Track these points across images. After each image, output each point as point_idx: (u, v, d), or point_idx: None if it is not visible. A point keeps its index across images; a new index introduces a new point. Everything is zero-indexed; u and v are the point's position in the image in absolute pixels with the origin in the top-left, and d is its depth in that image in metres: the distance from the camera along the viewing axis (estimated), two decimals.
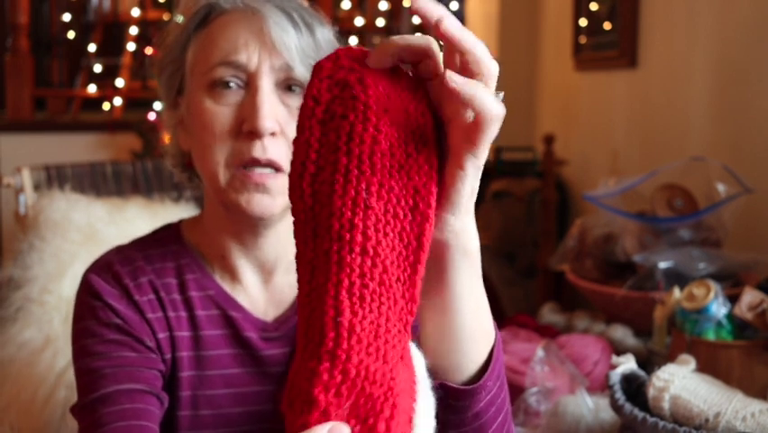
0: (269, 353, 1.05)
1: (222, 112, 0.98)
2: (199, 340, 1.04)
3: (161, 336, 1.02)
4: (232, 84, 0.98)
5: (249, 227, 1.04)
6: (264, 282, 1.08)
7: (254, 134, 0.97)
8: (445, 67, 0.71)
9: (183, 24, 1.03)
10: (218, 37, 1.00)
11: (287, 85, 1.00)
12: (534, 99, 3.44)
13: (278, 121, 0.98)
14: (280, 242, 1.06)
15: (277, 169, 0.98)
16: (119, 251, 1.08)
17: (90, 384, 0.97)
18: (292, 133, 0.89)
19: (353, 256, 0.62)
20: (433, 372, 0.71)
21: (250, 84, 0.98)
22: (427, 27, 0.70)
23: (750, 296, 1.34)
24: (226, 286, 1.07)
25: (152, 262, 1.06)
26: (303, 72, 0.99)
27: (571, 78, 3.02)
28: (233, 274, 1.07)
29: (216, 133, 0.98)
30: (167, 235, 1.10)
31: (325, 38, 1.03)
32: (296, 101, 0.99)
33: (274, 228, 1.04)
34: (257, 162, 0.97)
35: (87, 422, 0.96)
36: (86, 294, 1.03)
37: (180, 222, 1.13)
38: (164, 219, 1.34)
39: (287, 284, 1.08)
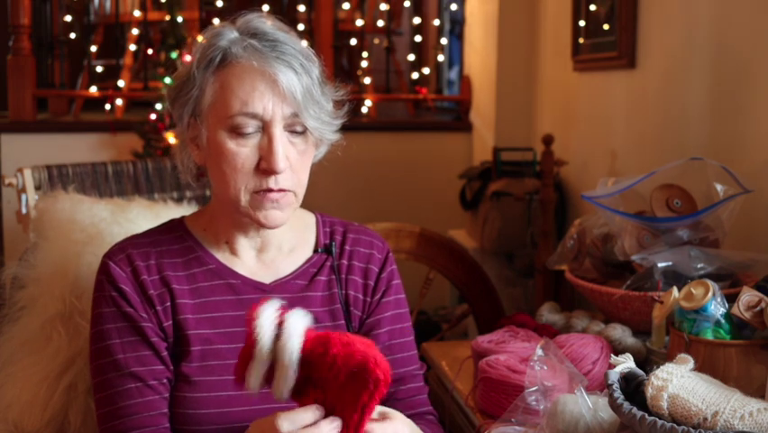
0: None
1: (243, 152, 1.23)
2: (204, 305, 1.28)
3: (159, 308, 1.27)
4: (250, 129, 1.22)
5: (256, 227, 1.30)
6: (258, 255, 1.35)
7: (270, 172, 1.22)
8: None
9: (200, 64, 1.25)
10: (235, 85, 1.22)
11: (293, 128, 1.24)
12: (534, 100, 3.45)
13: (289, 159, 1.24)
14: (277, 230, 1.32)
15: (285, 192, 1.25)
16: (133, 238, 1.34)
17: (106, 366, 1.25)
18: (297, 165, 1.24)
19: None
20: None
21: (266, 130, 1.22)
22: None
23: (748, 295, 1.35)
24: (226, 261, 1.33)
25: (160, 245, 1.32)
26: (309, 120, 1.24)
27: (570, 78, 3.02)
28: (233, 252, 1.33)
29: (239, 168, 1.23)
30: (173, 226, 1.36)
31: (318, 73, 1.27)
32: (299, 139, 1.25)
33: None
34: (271, 190, 1.23)
35: (107, 410, 1.24)
36: (103, 280, 1.28)
37: (183, 217, 1.39)
38: (166, 219, 1.38)
39: (278, 256, 1.35)
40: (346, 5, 4.38)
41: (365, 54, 4.32)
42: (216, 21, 1.33)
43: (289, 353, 1.02)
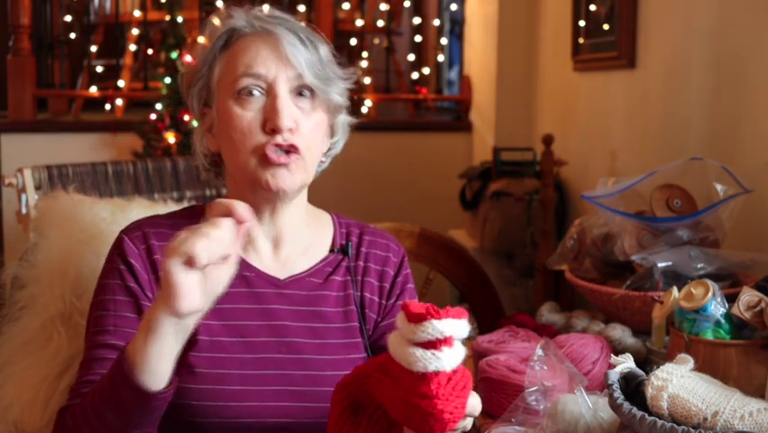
0: (279, 307, 1.29)
1: (248, 115, 1.23)
2: None
3: None
4: (255, 92, 1.23)
5: (268, 204, 1.28)
6: (274, 249, 1.32)
7: (276, 131, 1.21)
8: None
9: (208, 46, 1.28)
10: (240, 54, 1.25)
11: (298, 91, 1.25)
12: (534, 100, 3.45)
13: (294, 119, 1.23)
14: (290, 219, 1.31)
15: (295, 151, 1.23)
16: (153, 218, 1.34)
17: (94, 335, 1.23)
18: (305, 127, 1.24)
19: None
20: None
21: (269, 91, 1.23)
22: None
23: (748, 295, 1.35)
24: (241, 252, 1.23)
25: (178, 229, 1.23)
26: (312, 79, 1.24)
27: (570, 78, 3.03)
28: (249, 244, 1.30)
29: (245, 130, 1.22)
30: (193, 212, 1.34)
31: (326, 54, 1.29)
32: (305, 103, 1.25)
33: (287, 206, 1.29)
34: (280, 146, 1.22)
35: (81, 374, 1.22)
36: (115, 253, 1.28)
37: (204, 204, 1.35)
38: None
39: (293, 253, 1.33)
40: (346, 5, 4.38)
41: (365, 54, 4.33)
42: (216, 21, 1.32)
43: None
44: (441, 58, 4.82)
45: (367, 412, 1.00)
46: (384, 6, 4.32)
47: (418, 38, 4.60)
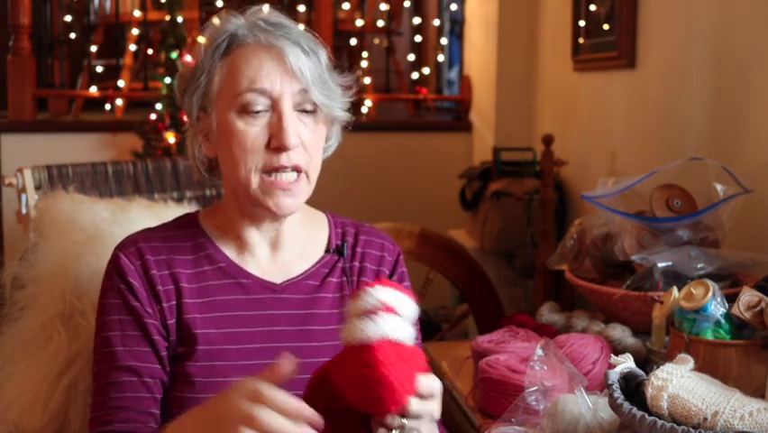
0: (277, 312, 1.29)
1: (253, 131, 1.21)
2: (212, 304, 1.27)
3: (166, 304, 1.26)
4: (259, 108, 1.21)
5: (269, 217, 1.28)
6: (272, 254, 1.32)
7: (281, 149, 1.21)
8: None
9: (207, 51, 1.25)
10: (243, 66, 1.22)
11: (302, 107, 1.24)
12: (534, 100, 3.45)
13: (300, 137, 1.23)
14: (288, 223, 1.31)
15: (299, 171, 1.23)
16: (146, 231, 1.33)
17: (106, 357, 1.24)
18: (308, 143, 1.24)
19: None
20: None
21: (275, 107, 1.22)
22: None
23: (748, 295, 1.35)
24: (238, 259, 1.30)
25: (172, 241, 1.30)
26: (319, 96, 1.23)
27: (570, 78, 3.02)
28: (246, 249, 1.31)
29: (248, 147, 1.21)
30: (186, 221, 1.34)
31: (325, 59, 1.28)
32: (310, 119, 1.25)
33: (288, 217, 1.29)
34: (284, 168, 1.22)
35: (99, 400, 1.23)
36: (112, 271, 1.28)
37: (197, 211, 1.38)
38: (167, 219, 1.38)
39: (291, 256, 1.32)
40: (346, 5, 4.38)
41: (365, 54, 4.33)
42: (216, 20, 1.30)
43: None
44: (441, 58, 4.82)
45: (334, 417, 1.03)
46: (384, 6, 4.32)
47: (418, 38, 4.60)
